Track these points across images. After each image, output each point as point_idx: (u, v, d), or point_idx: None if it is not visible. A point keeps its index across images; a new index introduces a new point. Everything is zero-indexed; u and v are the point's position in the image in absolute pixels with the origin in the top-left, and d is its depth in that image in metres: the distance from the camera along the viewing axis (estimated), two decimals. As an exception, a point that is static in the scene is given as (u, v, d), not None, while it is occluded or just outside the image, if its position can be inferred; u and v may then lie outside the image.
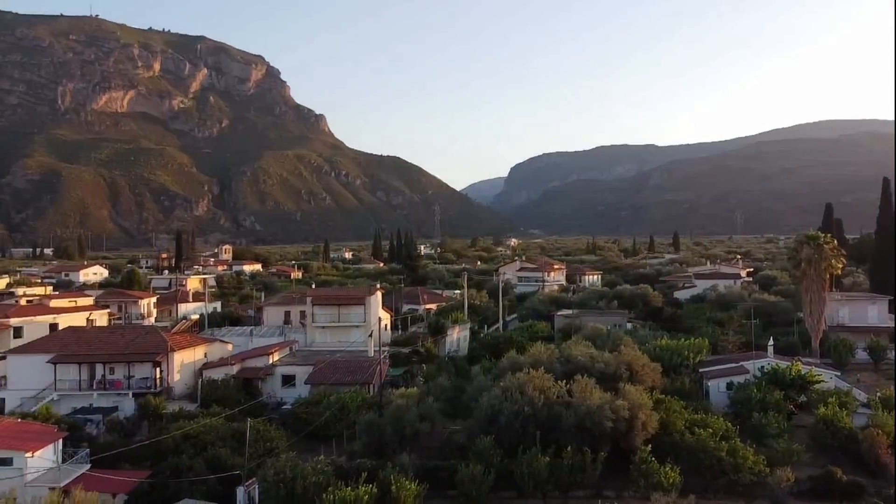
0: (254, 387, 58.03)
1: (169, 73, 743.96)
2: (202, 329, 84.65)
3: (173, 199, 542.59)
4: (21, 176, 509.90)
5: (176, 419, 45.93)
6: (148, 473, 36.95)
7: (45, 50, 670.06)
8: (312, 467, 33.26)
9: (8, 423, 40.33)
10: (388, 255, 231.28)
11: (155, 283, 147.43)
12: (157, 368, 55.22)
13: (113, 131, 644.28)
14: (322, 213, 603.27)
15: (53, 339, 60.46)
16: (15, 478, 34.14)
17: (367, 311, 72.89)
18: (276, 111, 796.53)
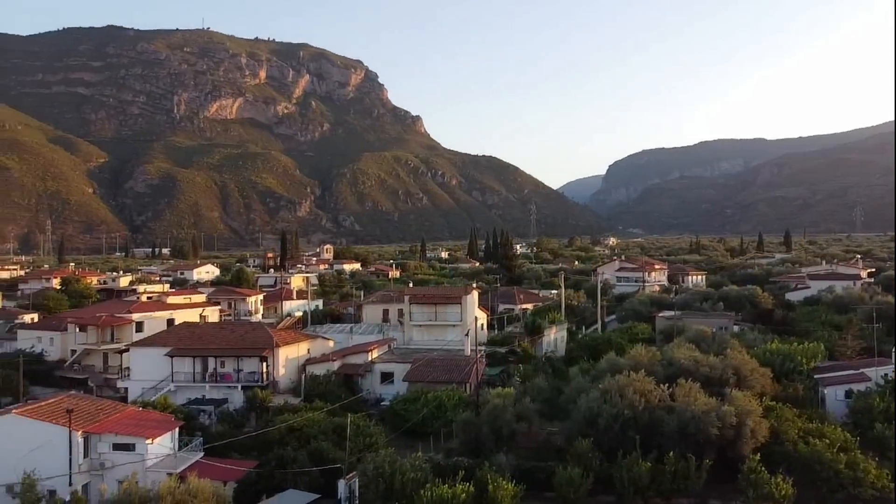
0: (354, 383, 59.45)
1: (274, 80, 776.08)
2: (305, 326, 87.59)
3: (278, 201, 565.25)
4: (142, 181, 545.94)
5: (281, 412, 47.71)
6: (256, 463, 38.60)
7: (163, 62, 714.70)
8: (411, 463, 33.73)
9: (131, 411, 43.15)
10: (483, 254, 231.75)
11: (261, 281, 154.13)
12: (264, 363, 57.58)
13: (223, 137, 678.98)
14: (418, 212, 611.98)
15: (170, 334, 64.26)
16: (136, 462, 36.49)
17: (463, 310, 73.20)
18: (374, 114, 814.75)
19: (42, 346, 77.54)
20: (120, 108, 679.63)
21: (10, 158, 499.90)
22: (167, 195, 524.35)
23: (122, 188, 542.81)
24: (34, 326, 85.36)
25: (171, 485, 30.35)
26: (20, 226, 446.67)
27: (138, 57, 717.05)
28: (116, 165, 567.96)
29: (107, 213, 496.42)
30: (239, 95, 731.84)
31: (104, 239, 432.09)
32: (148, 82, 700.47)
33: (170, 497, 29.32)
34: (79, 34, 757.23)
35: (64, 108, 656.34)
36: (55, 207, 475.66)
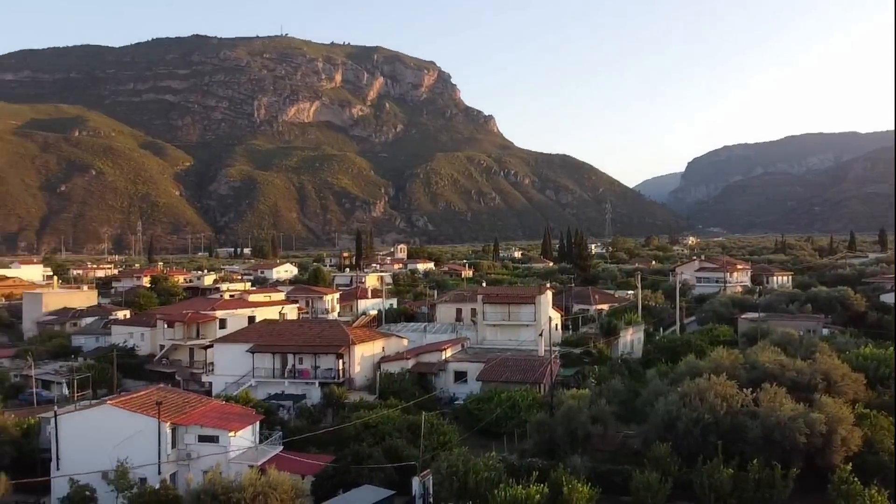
0: (427, 381, 59.90)
1: (349, 83, 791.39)
2: (380, 324, 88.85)
3: (353, 202, 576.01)
4: (224, 183, 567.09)
5: (357, 409, 48.54)
6: (332, 458, 39.40)
7: (244, 69, 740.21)
8: (484, 463, 33.69)
9: (215, 404, 44.82)
10: (557, 254, 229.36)
11: (338, 280, 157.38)
12: (340, 360, 58.72)
13: (300, 140, 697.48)
14: (491, 212, 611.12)
15: (251, 331, 66.45)
16: (220, 454, 37.88)
17: (536, 310, 72.61)
18: (447, 114, 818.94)
19: (133, 342, 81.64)
20: (204, 114, 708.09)
21: (105, 163, 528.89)
22: (248, 197, 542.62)
23: (206, 190, 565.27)
24: (126, 322, 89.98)
25: (253, 476, 31.31)
26: (114, 227, 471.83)
27: (221, 64, 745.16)
28: (201, 169, 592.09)
29: (192, 215, 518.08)
30: (316, 99, 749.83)
31: (190, 239, 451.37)
32: (230, 88, 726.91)
33: (251, 488, 30.25)
34: (167, 44, 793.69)
35: (153, 114, 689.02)
36: (145, 209, 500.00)
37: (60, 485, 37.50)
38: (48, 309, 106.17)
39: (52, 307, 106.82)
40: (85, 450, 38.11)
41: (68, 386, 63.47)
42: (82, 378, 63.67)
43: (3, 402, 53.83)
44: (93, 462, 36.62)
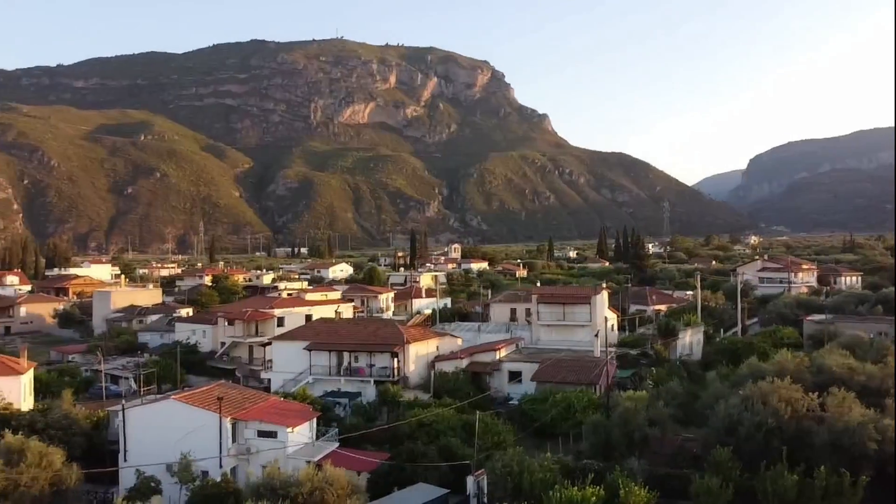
0: (481, 380, 59.83)
1: (403, 84, 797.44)
2: (434, 323, 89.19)
3: (407, 202, 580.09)
4: (282, 184, 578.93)
5: (411, 407, 48.83)
6: (388, 456, 39.75)
7: (301, 72, 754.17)
8: (539, 464, 33.43)
9: (274, 400, 45.78)
10: (613, 253, 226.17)
11: (392, 279, 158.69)
12: (395, 359, 59.19)
13: (355, 141, 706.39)
14: (546, 211, 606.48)
15: (308, 329, 67.60)
16: (278, 449, 38.67)
17: (592, 310, 71.69)
18: (501, 113, 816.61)
19: (196, 338, 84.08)
20: (263, 117, 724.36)
21: (169, 166, 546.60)
22: (305, 197, 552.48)
23: (265, 192, 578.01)
24: (189, 320, 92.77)
25: (310, 472, 31.82)
26: (177, 228, 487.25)
27: (279, 68, 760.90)
28: (260, 170, 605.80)
29: (252, 216, 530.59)
30: (370, 100, 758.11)
31: (249, 239, 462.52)
32: (287, 91, 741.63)
33: (308, 484, 30.75)
34: (227, 49, 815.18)
35: (214, 118, 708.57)
36: (207, 211, 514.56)
37: (128, 476, 38.91)
38: (116, 307, 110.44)
39: (119, 305, 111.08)
40: (150, 442, 39.45)
41: (135, 381, 65.85)
42: (148, 373, 65.95)
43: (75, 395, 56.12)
44: (157, 454, 37.86)
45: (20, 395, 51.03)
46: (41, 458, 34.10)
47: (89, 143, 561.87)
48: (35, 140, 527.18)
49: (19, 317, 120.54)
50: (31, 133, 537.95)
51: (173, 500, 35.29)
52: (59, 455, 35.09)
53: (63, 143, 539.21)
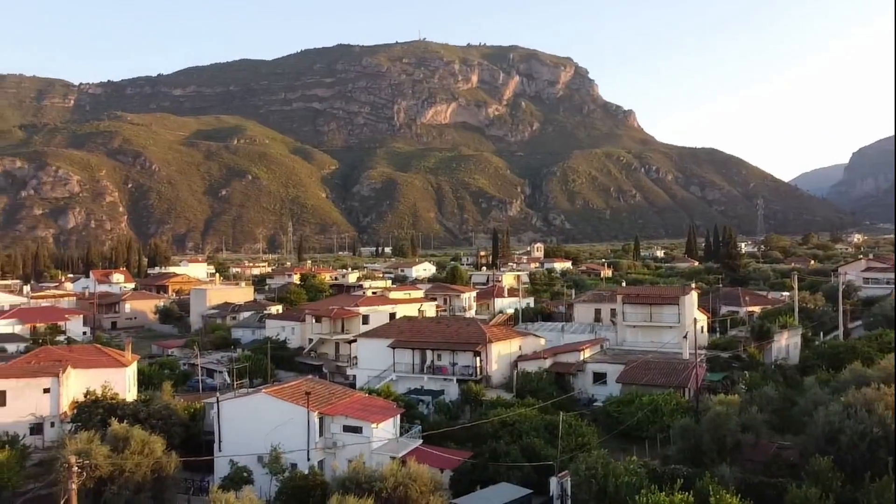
0: (565, 381, 59.09)
1: (485, 83, 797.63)
2: (516, 323, 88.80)
3: (490, 201, 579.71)
4: (367, 185, 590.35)
5: (494, 406, 48.75)
6: (470, 454, 39.83)
7: (384, 74, 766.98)
8: (625, 467, 32.70)
9: (358, 396, 46.73)
10: (703, 253, 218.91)
11: (474, 278, 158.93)
12: (477, 357, 59.26)
13: (438, 141, 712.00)
14: (631, 210, 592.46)
15: (392, 327, 68.60)
16: (363, 444, 39.43)
17: (680, 311, 69.50)
18: (585, 110, 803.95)
19: (285, 335, 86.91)
20: (348, 119, 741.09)
21: (260, 169, 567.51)
22: (389, 198, 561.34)
23: (350, 192, 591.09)
24: (279, 317, 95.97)
25: (394, 467, 32.26)
26: (268, 228, 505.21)
27: (363, 71, 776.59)
28: (345, 172, 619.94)
29: (337, 216, 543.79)
30: (452, 101, 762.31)
31: (335, 239, 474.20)
32: (372, 94, 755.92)
33: (392, 479, 31.18)
34: (313, 54, 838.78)
35: (302, 122, 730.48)
36: (295, 211, 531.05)
37: (222, 465, 40.66)
38: (211, 304, 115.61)
39: (214, 302, 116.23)
40: (242, 434, 41.07)
41: (228, 375, 68.70)
42: (240, 367, 68.68)
43: (174, 387, 59.13)
44: (249, 445, 39.38)
45: (125, 386, 54.23)
46: (143, 446, 36.08)
47: (186, 148, 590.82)
48: (138, 146, 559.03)
49: (124, 313, 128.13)
50: (135, 139, 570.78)
51: (264, 490, 36.56)
52: (159, 443, 37.02)
53: (163, 149, 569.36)
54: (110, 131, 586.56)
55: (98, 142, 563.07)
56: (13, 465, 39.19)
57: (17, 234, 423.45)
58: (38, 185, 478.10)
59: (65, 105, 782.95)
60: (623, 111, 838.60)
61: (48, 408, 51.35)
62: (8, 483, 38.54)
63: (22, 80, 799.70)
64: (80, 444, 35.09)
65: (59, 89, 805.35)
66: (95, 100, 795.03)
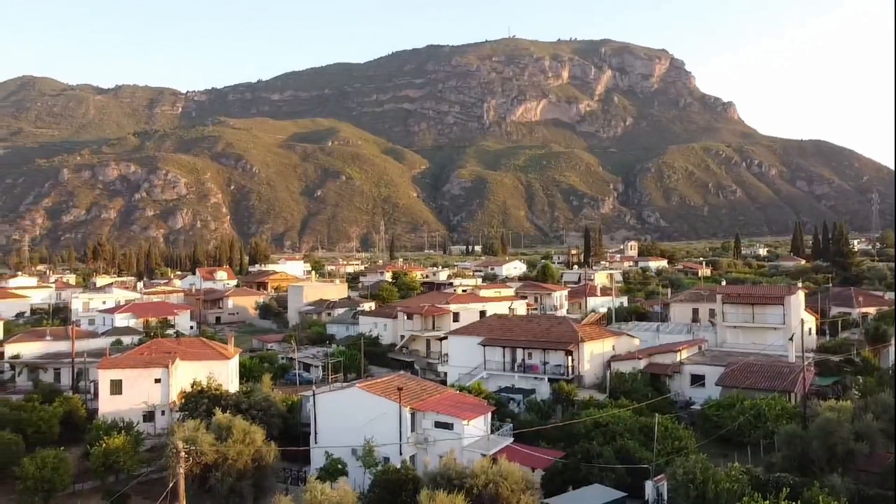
0: (660, 383, 57.33)
1: (576, 79, 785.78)
2: (609, 322, 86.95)
3: (581, 199, 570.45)
4: (457, 184, 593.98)
5: (586, 406, 47.90)
6: (562, 454, 39.24)
7: (474, 73, 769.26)
8: (726, 473, 31.28)
9: (450, 393, 46.97)
10: (811, 251, 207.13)
11: (566, 277, 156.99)
12: (569, 357, 58.40)
13: (528, 139, 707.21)
14: (731, 206, 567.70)
15: (482, 325, 68.61)
16: (454, 440, 39.57)
17: (786, 311, 66.00)
18: (681, 104, 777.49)
19: (378, 331, 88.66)
20: (438, 119, 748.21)
21: (353, 169, 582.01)
22: (479, 196, 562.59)
23: (440, 191, 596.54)
24: (371, 314, 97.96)
25: (485, 465, 32.22)
26: (360, 227, 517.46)
27: (453, 70, 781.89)
28: (435, 171, 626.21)
29: (428, 215, 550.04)
30: (543, 97, 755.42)
31: (426, 237, 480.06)
32: (461, 93, 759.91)
33: (483, 476, 31.13)
34: (404, 56, 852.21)
35: (393, 122, 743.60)
36: (387, 211, 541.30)
37: (318, 456, 41.86)
38: (308, 300, 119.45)
39: (310, 299, 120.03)
40: (337, 427, 42.13)
41: (323, 369, 70.74)
42: (335, 362, 70.58)
43: (272, 380, 61.43)
44: (343, 438, 40.34)
45: (228, 378, 56.81)
46: (245, 436, 37.64)
47: (284, 151, 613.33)
48: (240, 150, 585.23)
49: (227, 308, 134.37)
50: (237, 143, 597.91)
51: (358, 482, 37.34)
52: (259, 433, 38.52)
53: (262, 152, 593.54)
54: (214, 136, 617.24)
55: (203, 146, 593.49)
56: (129, 450, 41.84)
57: (132, 234, 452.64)
58: (150, 188, 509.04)
59: (173, 112, 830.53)
60: (722, 103, 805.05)
61: (159, 397, 54.52)
62: (124, 466, 41.18)
63: (135, 90, 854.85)
64: (188, 431, 37.02)
65: (169, 97, 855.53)
66: (201, 106, 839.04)
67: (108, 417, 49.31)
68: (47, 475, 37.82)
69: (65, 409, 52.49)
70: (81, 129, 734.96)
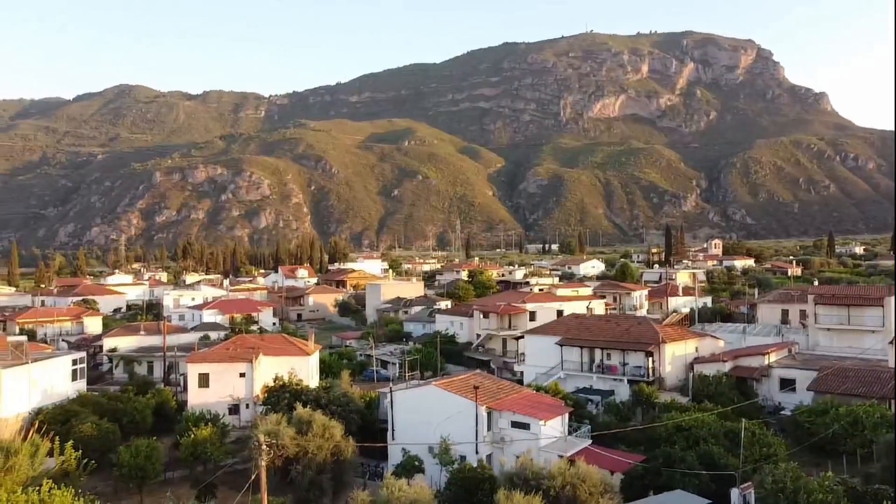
0: (747, 386, 55.11)
1: (656, 73, 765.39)
2: (692, 323, 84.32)
3: (662, 196, 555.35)
4: (533, 182, 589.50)
5: (668, 409, 46.54)
6: (643, 458, 38.22)
7: (550, 70, 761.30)
8: (819, 483, 29.66)
9: (526, 393, 46.57)
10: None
11: (646, 276, 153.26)
12: (650, 358, 56.89)
13: (606, 135, 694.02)
14: (824, 202, 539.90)
15: (559, 324, 67.74)
16: (531, 440, 39.18)
17: (886, 313, 62.07)
18: (768, 96, 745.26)
19: (454, 329, 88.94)
20: (514, 117, 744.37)
21: (429, 169, 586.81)
22: (555, 194, 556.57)
23: (516, 190, 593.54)
24: (448, 312, 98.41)
25: (562, 466, 31.72)
26: (437, 226, 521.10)
27: (529, 68, 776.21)
28: (511, 169, 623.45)
29: (504, 213, 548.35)
30: (621, 93, 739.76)
31: (502, 236, 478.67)
32: (537, 90, 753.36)
33: (560, 478, 30.66)
34: (480, 55, 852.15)
35: (469, 121, 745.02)
36: (463, 209, 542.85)
37: (395, 452, 42.30)
38: (385, 298, 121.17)
39: (388, 297, 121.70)
40: (413, 424, 42.44)
41: (400, 366, 71.51)
42: (412, 360, 71.21)
43: (351, 376, 62.55)
44: (419, 435, 40.59)
45: (308, 374, 58.20)
46: (324, 430, 38.43)
47: (362, 151, 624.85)
48: (319, 151, 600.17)
49: (308, 305, 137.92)
50: (317, 145, 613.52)
51: (434, 479, 37.49)
52: (338, 428, 39.25)
53: (341, 153, 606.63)
54: (295, 138, 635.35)
55: (285, 148, 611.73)
56: (215, 441, 43.47)
57: (219, 234, 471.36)
58: (236, 190, 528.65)
59: (257, 116, 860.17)
60: (814, 94, 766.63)
61: (243, 390, 56.44)
62: (211, 456, 42.80)
63: (222, 96, 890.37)
64: (270, 425, 38.11)
65: (252, 102, 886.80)
66: (282, 110, 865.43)
67: (196, 409, 51.38)
68: (141, 463, 39.73)
69: (157, 401, 55.07)
70: (172, 133, 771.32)
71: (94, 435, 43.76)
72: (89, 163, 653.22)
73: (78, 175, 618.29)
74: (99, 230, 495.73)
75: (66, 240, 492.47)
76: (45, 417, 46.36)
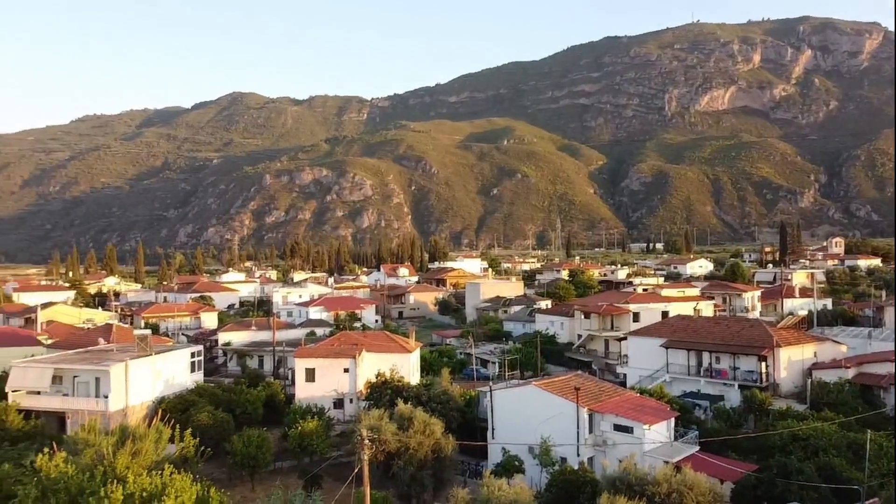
0: (873, 395, 51.22)
1: (769, 62, 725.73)
2: (810, 326, 79.38)
3: (776, 192, 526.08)
4: (636, 179, 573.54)
5: (783, 417, 44.04)
6: (755, 467, 36.32)
7: (654, 63, 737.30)
8: (958, 503, 27.15)
9: (629, 395, 45.30)
10: None
11: (758, 276, 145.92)
12: (763, 363, 54.06)
13: (714, 129, 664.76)
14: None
15: (665, 325, 65.48)
16: (634, 444, 38.06)
17: None
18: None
19: (554, 329, 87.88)
20: (615, 113, 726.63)
21: (529, 167, 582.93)
22: (660, 191, 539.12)
23: (618, 187, 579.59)
24: (548, 311, 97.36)
25: (668, 472, 30.62)
26: (536, 225, 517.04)
27: (631, 62, 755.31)
28: (613, 166, 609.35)
29: (605, 211, 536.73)
30: (731, 84, 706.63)
31: (604, 235, 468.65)
32: (640, 84, 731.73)
33: (666, 484, 29.61)
34: (580, 50, 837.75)
35: (569, 118, 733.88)
36: (563, 208, 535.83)
37: (495, 452, 42.23)
38: (484, 297, 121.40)
39: (487, 296, 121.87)
40: (512, 423, 42.21)
41: (500, 366, 71.35)
42: (511, 359, 70.91)
43: (451, 375, 63.04)
44: (518, 435, 40.32)
45: (409, 371, 59.12)
46: (425, 427, 38.90)
47: (461, 151, 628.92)
48: (419, 151, 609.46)
49: (409, 303, 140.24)
50: (417, 146, 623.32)
51: (534, 480, 37.15)
52: (438, 426, 39.62)
53: (440, 153, 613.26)
54: (396, 139, 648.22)
55: (386, 149, 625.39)
56: (321, 434, 44.95)
57: (324, 233, 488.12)
58: (340, 191, 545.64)
59: (359, 118, 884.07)
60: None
61: (347, 385, 58.05)
62: (317, 448, 44.29)
63: (326, 100, 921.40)
64: (372, 420, 39.00)
65: (355, 105, 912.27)
66: (384, 112, 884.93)
67: (303, 402, 53.30)
68: (252, 452, 41.65)
69: (267, 393, 57.56)
70: (281, 137, 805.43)
71: (210, 424, 46.29)
72: (206, 167, 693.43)
73: (196, 179, 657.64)
74: (214, 230, 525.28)
75: (185, 240, 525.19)
76: (167, 406, 49.52)
